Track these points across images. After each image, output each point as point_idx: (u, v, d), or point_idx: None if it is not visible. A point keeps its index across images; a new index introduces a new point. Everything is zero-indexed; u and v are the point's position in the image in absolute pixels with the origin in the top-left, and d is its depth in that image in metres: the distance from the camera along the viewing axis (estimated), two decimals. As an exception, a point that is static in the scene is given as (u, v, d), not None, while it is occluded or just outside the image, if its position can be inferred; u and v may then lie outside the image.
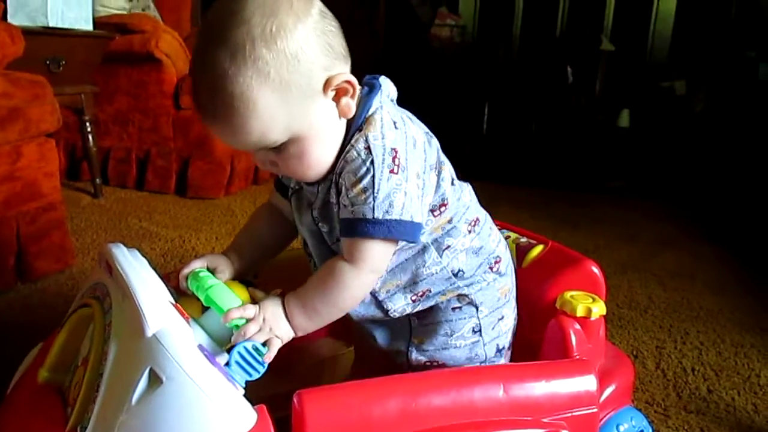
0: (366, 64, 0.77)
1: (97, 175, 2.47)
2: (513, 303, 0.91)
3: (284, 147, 0.71)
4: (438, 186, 0.79)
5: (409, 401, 0.67)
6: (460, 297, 0.83)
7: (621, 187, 3.36)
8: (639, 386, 1.26)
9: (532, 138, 3.66)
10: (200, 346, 0.65)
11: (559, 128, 3.64)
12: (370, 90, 0.76)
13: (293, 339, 0.76)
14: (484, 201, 0.92)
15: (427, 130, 0.81)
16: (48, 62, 2.07)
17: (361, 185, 0.70)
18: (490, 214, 0.92)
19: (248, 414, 0.62)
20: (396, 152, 0.71)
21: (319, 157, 0.73)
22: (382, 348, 0.88)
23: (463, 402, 0.70)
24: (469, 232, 0.83)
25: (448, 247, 0.81)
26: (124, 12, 2.65)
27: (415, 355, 0.85)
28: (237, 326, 0.73)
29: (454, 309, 0.84)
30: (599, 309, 0.89)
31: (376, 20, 4.29)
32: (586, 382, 0.78)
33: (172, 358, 0.61)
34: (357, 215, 0.70)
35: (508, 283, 0.89)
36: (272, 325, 0.72)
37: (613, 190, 3.31)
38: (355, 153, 0.71)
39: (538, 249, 1.03)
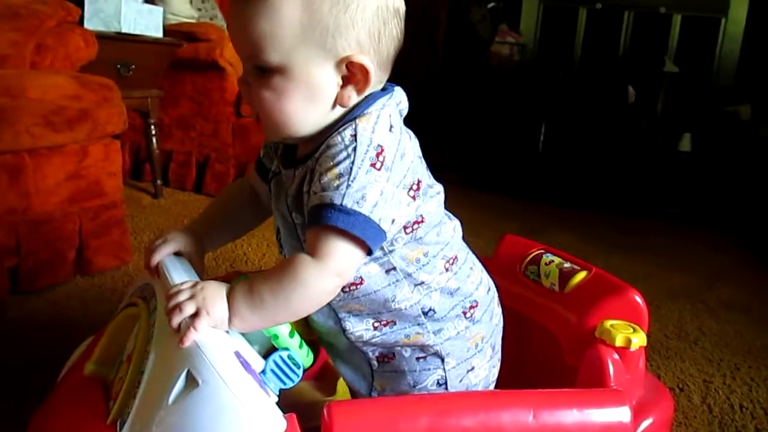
0: (425, 80, 0.76)
1: (158, 177, 2.56)
2: (488, 352, 0.85)
3: (270, 75, 0.68)
4: (413, 203, 0.73)
5: (438, 420, 0.68)
6: (424, 347, 0.79)
7: (679, 213, 3.28)
8: (683, 421, 1.23)
9: (589, 159, 3.60)
10: (237, 353, 0.67)
11: (617, 150, 3.57)
12: (382, 91, 0.74)
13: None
14: (536, 222, 0.91)
15: (420, 154, 0.77)
16: (118, 66, 2.17)
17: (336, 170, 0.66)
18: (540, 237, 0.89)
19: (278, 422, 0.63)
20: (382, 149, 0.67)
21: (292, 111, 0.70)
22: (349, 384, 0.86)
23: (492, 424, 0.70)
24: (446, 270, 0.79)
25: (422, 283, 0.77)
26: (193, 20, 2.75)
27: None
28: (276, 336, 0.75)
29: (418, 359, 0.80)
30: (639, 340, 0.87)
31: (437, 36, 4.31)
32: (620, 413, 0.76)
33: (209, 363, 0.63)
34: (325, 200, 0.65)
35: (482, 331, 0.83)
36: (207, 299, 0.66)
37: (671, 217, 3.23)
38: (339, 138, 0.67)
39: (581, 275, 1.02)
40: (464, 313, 0.81)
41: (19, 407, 1.08)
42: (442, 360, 0.80)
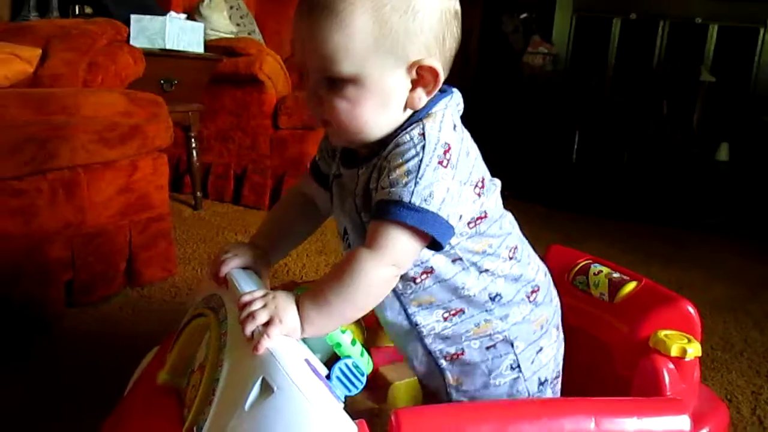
0: (457, 90, 0.78)
1: (198, 189, 2.62)
2: (553, 332, 0.88)
3: (343, 86, 0.70)
4: (479, 200, 0.76)
5: (503, 426, 0.69)
6: (492, 335, 0.81)
7: (718, 223, 3.24)
8: (732, 432, 1.23)
9: (624, 169, 3.58)
10: (306, 360, 0.70)
11: (652, 160, 3.55)
12: (442, 93, 0.76)
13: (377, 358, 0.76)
14: (572, 231, 0.92)
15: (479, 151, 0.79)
16: (162, 82, 2.22)
17: (405, 167, 0.68)
18: (574, 246, 0.90)
19: (350, 427, 0.65)
20: (449, 147, 0.70)
21: (367, 119, 0.71)
22: (425, 382, 0.88)
23: (555, 431, 0.72)
24: (510, 258, 0.81)
25: (487, 270, 0.79)
26: (232, 36, 2.80)
27: (455, 396, 0.84)
28: (338, 344, 0.77)
29: (488, 348, 0.82)
30: (694, 350, 0.88)
31: (469, 47, 4.33)
32: (680, 422, 0.77)
33: (283, 370, 0.65)
34: (393, 197, 0.67)
35: (545, 313, 0.86)
36: (279, 308, 0.69)
37: (709, 227, 3.20)
38: (407, 137, 0.70)
39: (631, 285, 1.03)
40: (528, 297, 0.84)
41: (80, 416, 1.12)
42: (512, 345, 0.82)
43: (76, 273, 1.54)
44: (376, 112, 0.72)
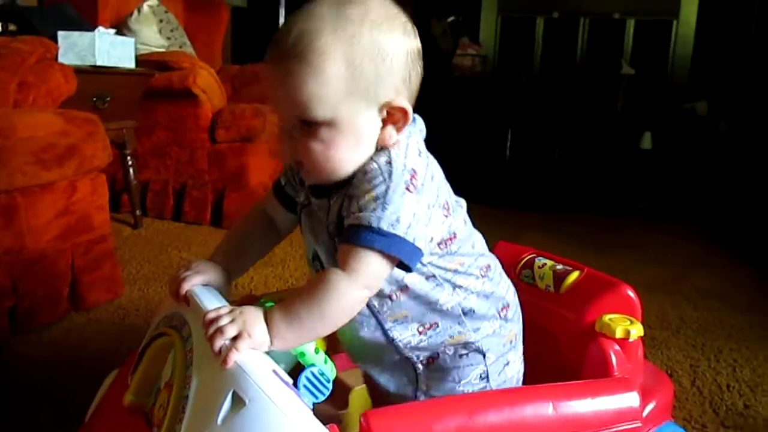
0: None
1: (137, 207, 2.57)
2: (520, 348, 0.93)
3: (317, 128, 0.72)
4: (447, 221, 0.80)
5: (468, 419, 0.73)
6: (467, 344, 0.85)
7: (646, 208, 3.40)
8: (676, 404, 1.30)
9: (556, 163, 3.71)
10: (274, 371, 0.71)
11: (581, 153, 3.69)
12: None
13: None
14: (510, 227, 0.96)
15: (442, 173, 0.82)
16: (94, 99, 2.17)
17: (373, 193, 0.71)
18: (511, 240, 0.94)
19: (322, 432, 0.67)
20: (415, 173, 0.73)
21: (341, 158, 0.74)
22: (389, 392, 0.90)
23: (516, 419, 0.76)
24: (483, 276, 0.86)
25: (461, 286, 0.83)
26: (163, 49, 2.76)
27: (422, 399, 0.86)
28: (302, 353, 0.79)
29: (461, 356, 0.85)
30: (637, 330, 0.94)
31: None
32: (629, 399, 0.83)
33: (254, 382, 0.66)
34: (362, 222, 0.71)
35: (514, 329, 0.91)
36: (247, 322, 0.70)
37: (638, 212, 3.35)
38: (375, 165, 0.73)
39: (574, 275, 1.08)
40: (498, 313, 0.88)
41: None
42: (483, 355, 0.86)
43: (18, 299, 1.50)
44: (349, 152, 0.75)
